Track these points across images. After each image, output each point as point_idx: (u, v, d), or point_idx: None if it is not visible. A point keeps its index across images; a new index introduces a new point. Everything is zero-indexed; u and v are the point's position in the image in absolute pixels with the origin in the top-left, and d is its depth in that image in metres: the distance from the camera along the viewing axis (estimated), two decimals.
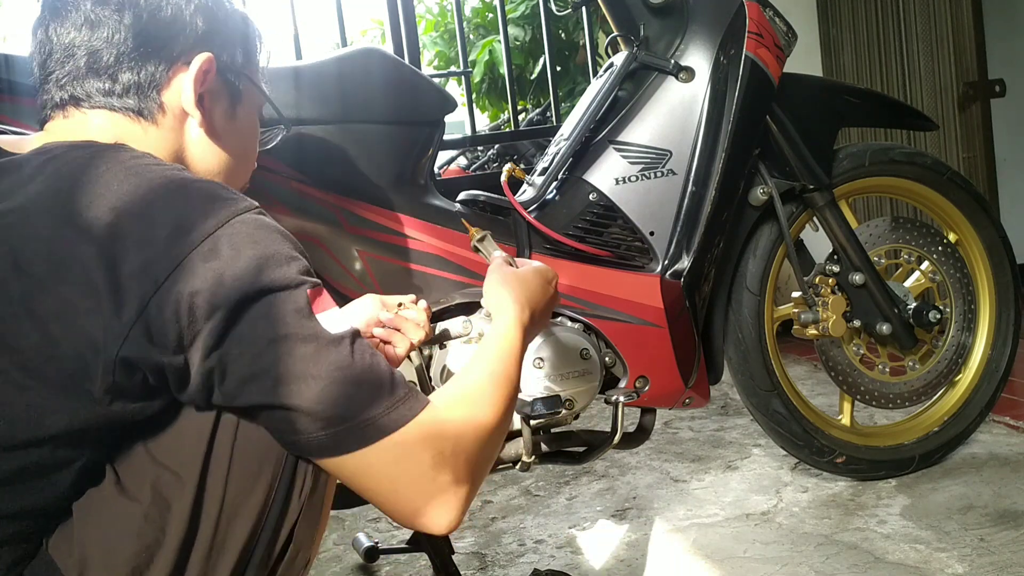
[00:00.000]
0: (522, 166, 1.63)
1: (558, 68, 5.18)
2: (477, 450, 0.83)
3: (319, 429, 0.77)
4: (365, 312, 1.14)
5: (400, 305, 1.15)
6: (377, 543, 1.66)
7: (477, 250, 1.27)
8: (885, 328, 1.77)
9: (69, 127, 0.88)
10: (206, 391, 0.77)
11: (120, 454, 0.80)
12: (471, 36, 5.79)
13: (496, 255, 1.20)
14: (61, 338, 0.74)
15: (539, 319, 1.09)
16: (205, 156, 0.94)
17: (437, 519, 0.81)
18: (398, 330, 1.11)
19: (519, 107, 5.18)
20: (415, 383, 1.34)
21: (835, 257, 1.78)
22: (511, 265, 1.17)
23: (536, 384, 1.37)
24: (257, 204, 0.82)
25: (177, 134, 0.91)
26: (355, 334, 0.80)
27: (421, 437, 0.79)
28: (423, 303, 1.15)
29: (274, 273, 0.77)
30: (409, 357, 1.33)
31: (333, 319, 0.79)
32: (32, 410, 0.75)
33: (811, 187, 1.72)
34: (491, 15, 5.87)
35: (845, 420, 1.85)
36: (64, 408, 0.75)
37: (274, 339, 0.75)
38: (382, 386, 0.78)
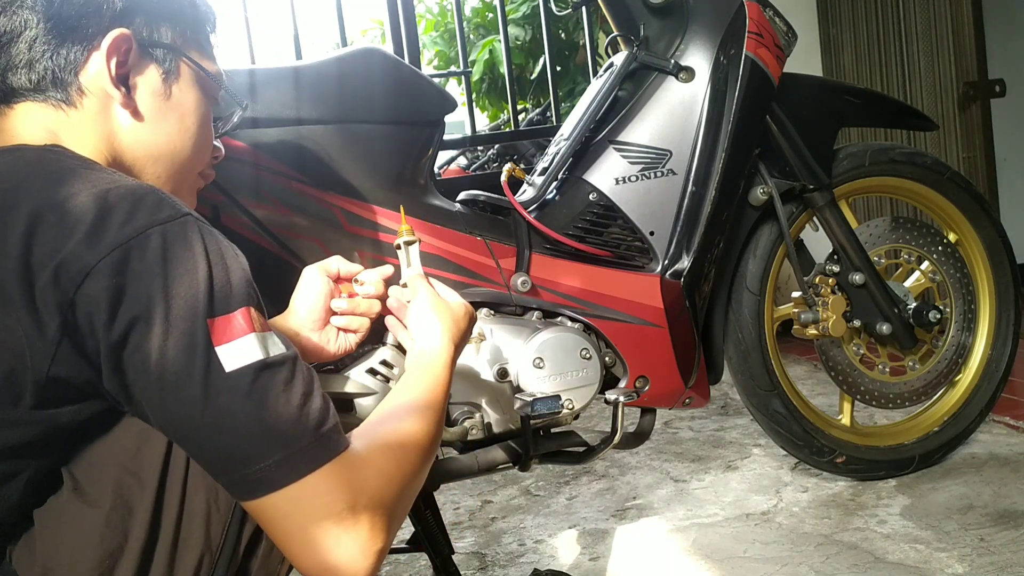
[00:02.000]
0: (522, 166, 1.63)
1: (558, 68, 5.18)
2: (397, 500, 0.78)
3: (218, 473, 0.74)
4: (314, 290, 1.10)
5: (355, 281, 1.12)
6: None
7: (399, 248, 1.20)
8: (885, 328, 1.77)
9: (2, 128, 0.85)
10: (138, 412, 0.75)
11: (78, 459, 0.79)
12: (471, 36, 5.79)
13: (415, 267, 1.14)
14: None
15: (457, 357, 1.03)
16: (140, 140, 0.89)
17: (356, 567, 0.74)
18: (355, 313, 1.09)
19: (519, 107, 5.18)
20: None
21: (835, 257, 1.78)
22: (432, 287, 1.09)
23: (536, 384, 1.37)
24: (188, 211, 0.76)
25: (104, 118, 0.87)
26: (261, 367, 0.74)
27: (336, 481, 0.74)
28: (381, 271, 1.11)
29: (176, 299, 0.72)
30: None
31: (242, 347, 0.73)
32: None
33: (811, 187, 1.72)
34: (491, 15, 5.87)
35: (845, 420, 1.85)
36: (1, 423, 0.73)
37: (164, 376, 0.71)
38: (281, 433, 0.73)
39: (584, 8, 2.73)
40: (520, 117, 4.14)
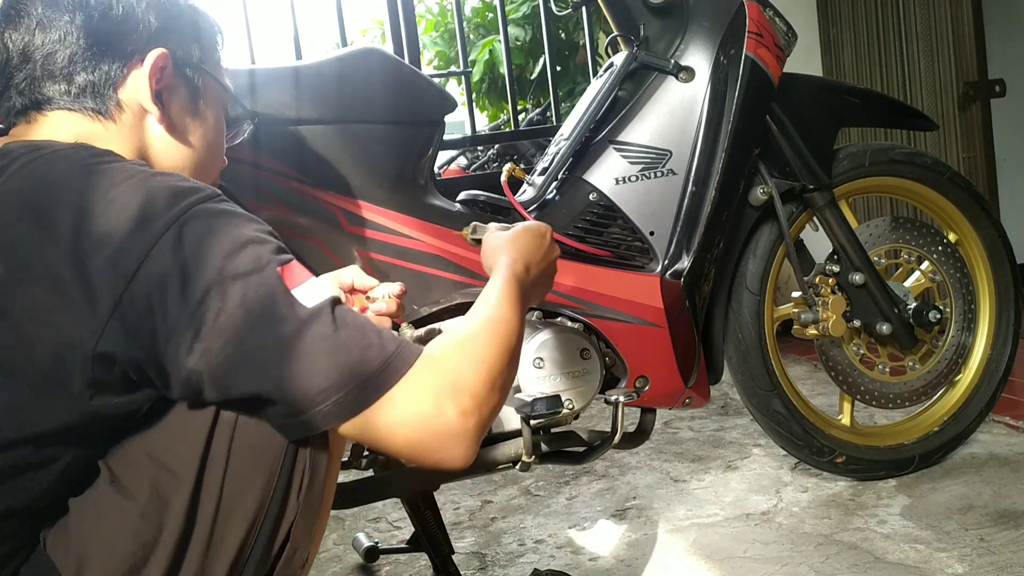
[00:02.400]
0: (522, 166, 1.63)
1: (558, 68, 5.18)
2: (478, 384, 0.83)
3: (321, 402, 0.77)
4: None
5: (368, 297, 1.14)
6: (377, 543, 1.66)
7: (476, 242, 1.24)
8: (885, 328, 1.77)
9: (32, 132, 0.89)
10: (193, 387, 0.77)
11: (116, 452, 0.81)
12: (471, 36, 5.79)
13: (491, 227, 1.18)
14: (35, 337, 0.75)
15: (537, 271, 1.08)
16: (169, 152, 0.94)
17: (451, 454, 0.81)
18: None
19: (519, 107, 5.18)
20: None
21: (835, 257, 1.78)
22: (503, 231, 1.16)
23: (536, 384, 1.37)
24: (217, 191, 0.82)
25: (138, 131, 0.91)
26: (334, 301, 0.80)
27: (421, 382, 0.80)
28: (394, 287, 1.13)
29: (241, 258, 0.77)
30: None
31: (311, 289, 0.80)
32: (12, 410, 0.76)
33: (811, 187, 1.72)
34: (491, 15, 5.87)
35: (845, 420, 1.85)
36: (44, 407, 0.76)
37: (254, 325, 0.75)
38: (370, 346, 0.79)
39: (584, 8, 2.73)
40: (520, 117, 4.13)
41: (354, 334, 0.79)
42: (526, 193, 1.57)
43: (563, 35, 5.42)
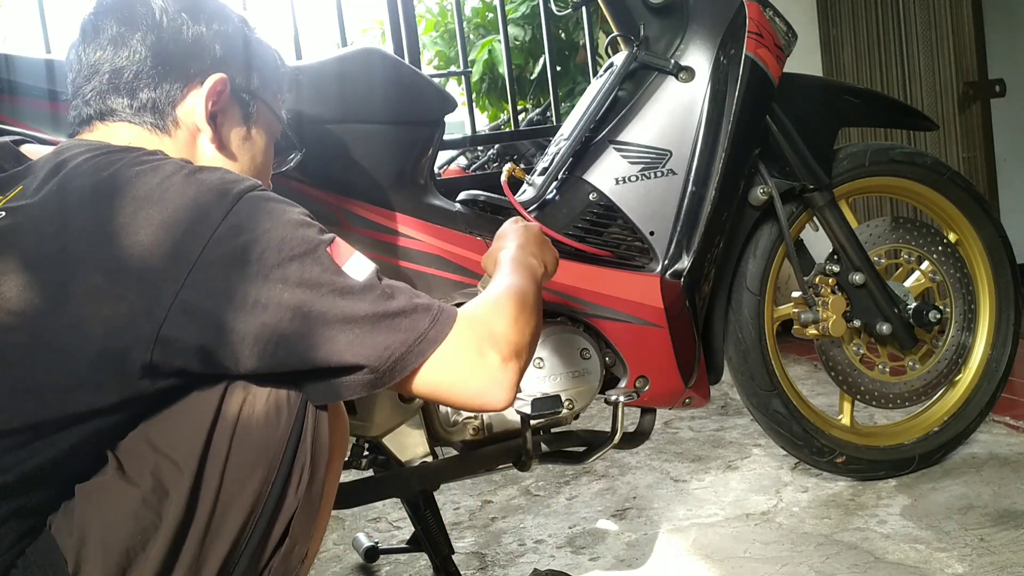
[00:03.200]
0: (522, 166, 1.63)
1: (558, 68, 5.18)
2: (513, 334, 0.92)
3: (382, 363, 0.85)
4: None
5: None
6: (377, 543, 1.66)
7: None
8: (885, 328, 1.77)
9: (91, 137, 0.94)
10: (257, 360, 0.82)
11: (123, 443, 0.84)
12: (471, 36, 5.79)
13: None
14: (92, 319, 0.79)
15: (535, 250, 1.15)
16: None
17: (496, 396, 0.91)
18: None
19: (519, 107, 5.18)
20: None
21: (835, 257, 1.78)
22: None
23: (536, 384, 1.37)
24: (259, 182, 0.89)
25: (190, 148, 0.97)
26: (378, 273, 0.89)
27: (463, 336, 0.89)
28: None
29: (295, 240, 0.84)
30: None
31: (357, 263, 0.87)
32: (62, 389, 0.80)
33: (811, 187, 1.72)
34: (491, 15, 5.86)
35: (845, 420, 1.85)
36: (95, 385, 0.80)
37: (314, 301, 0.83)
38: (417, 308, 0.88)
39: (584, 8, 2.73)
40: (520, 117, 4.13)
41: (403, 301, 0.87)
42: (526, 193, 1.57)
43: (563, 35, 5.42)
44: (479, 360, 0.90)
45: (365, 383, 0.86)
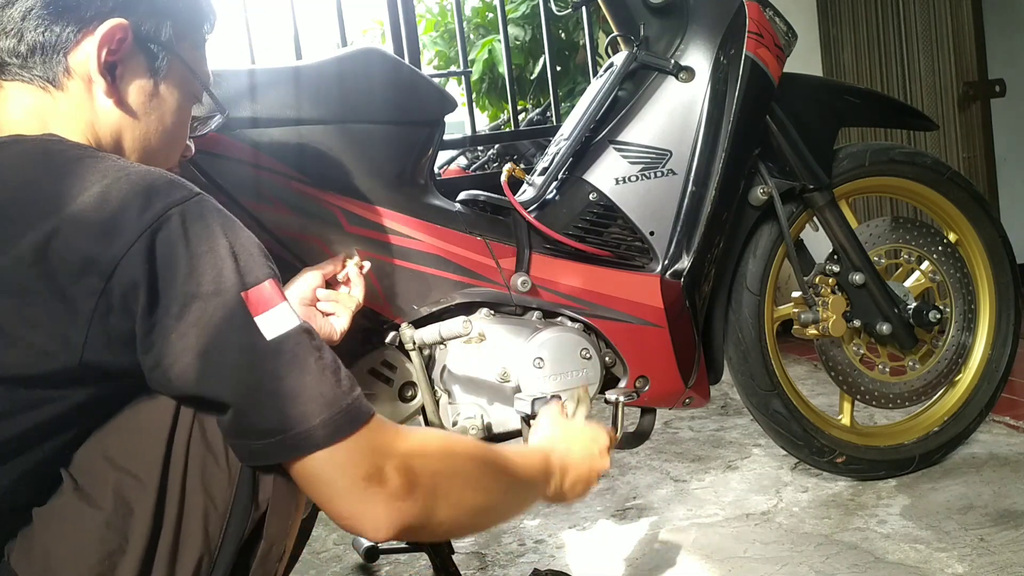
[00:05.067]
0: (522, 166, 1.63)
1: (558, 68, 5.18)
2: (431, 475, 0.82)
3: (250, 436, 0.76)
4: (307, 286, 1.22)
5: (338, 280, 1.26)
6: (377, 543, 1.66)
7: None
8: (885, 328, 1.77)
9: None
10: (165, 391, 0.78)
11: (77, 459, 0.79)
12: (471, 36, 5.79)
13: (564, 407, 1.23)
14: (15, 345, 0.74)
15: (571, 473, 1.06)
16: (119, 129, 0.89)
17: (367, 526, 0.79)
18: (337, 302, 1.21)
19: (519, 107, 5.18)
20: (415, 383, 1.34)
21: (835, 257, 1.78)
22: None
23: (536, 384, 1.37)
24: (196, 191, 0.79)
25: (88, 103, 0.87)
26: (298, 333, 0.77)
27: (365, 447, 0.77)
28: (355, 265, 1.24)
29: (205, 276, 0.75)
30: (409, 356, 1.33)
31: (276, 316, 0.77)
32: None
33: (811, 187, 1.72)
34: (491, 15, 5.86)
35: (845, 420, 1.85)
36: (31, 405, 0.75)
37: (208, 348, 0.74)
38: (320, 396, 0.76)
39: (584, 8, 2.73)
40: (520, 117, 4.13)
41: (307, 379, 0.76)
42: (526, 193, 1.57)
43: (563, 35, 5.42)
44: (376, 480, 0.77)
45: (240, 450, 0.78)
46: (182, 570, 0.79)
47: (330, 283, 1.27)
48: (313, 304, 1.22)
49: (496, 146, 4.34)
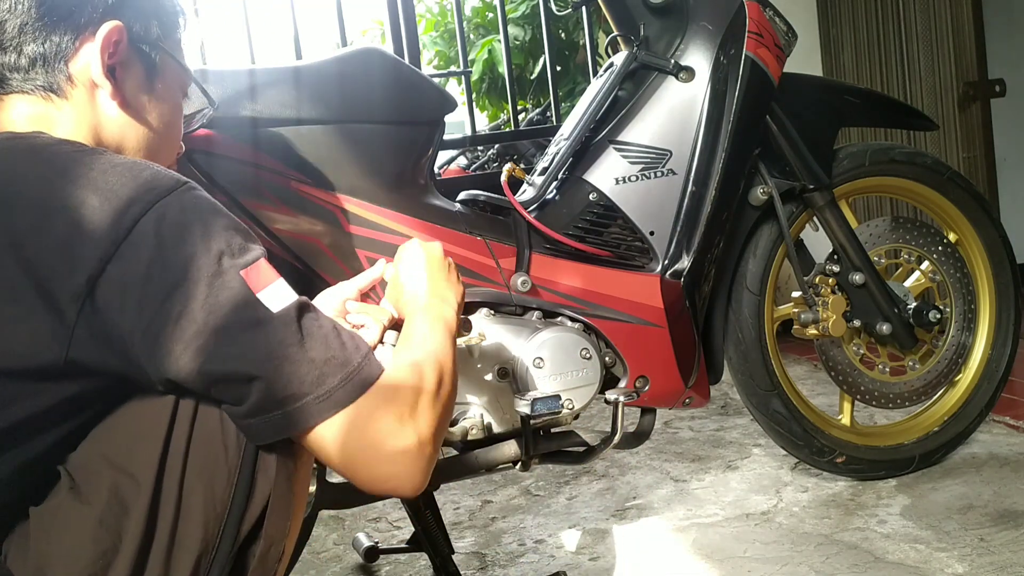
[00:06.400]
0: (522, 166, 1.63)
1: (558, 68, 5.18)
2: (432, 410, 0.85)
3: (273, 408, 0.77)
4: (338, 298, 1.20)
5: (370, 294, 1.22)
6: (377, 543, 1.66)
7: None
8: (885, 328, 1.77)
9: None
10: (163, 380, 0.77)
11: (75, 457, 0.79)
12: (471, 36, 5.79)
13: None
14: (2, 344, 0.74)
15: (444, 289, 1.11)
16: (123, 131, 0.91)
17: (406, 483, 0.82)
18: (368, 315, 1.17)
19: (519, 107, 5.18)
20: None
21: (835, 257, 1.78)
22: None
23: (536, 384, 1.37)
24: (183, 180, 0.80)
25: (91, 108, 0.88)
26: (300, 306, 0.80)
27: (379, 406, 0.80)
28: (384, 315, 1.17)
29: (204, 259, 0.76)
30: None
31: (276, 291, 0.79)
32: None
33: (811, 187, 1.72)
34: (491, 15, 5.87)
35: (845, 420, 1.85)
36: (16, 398, 0.75)
37: (216, 329, 0.75)
38: (330, 360, 0.78)
39: (584, 8, 2.73)
40: (520, 117, 4.13)
41: (317, 344, 0.78)
42: (526, 193, 1.57)
43: (563, 35, 5.42)
44: (392, 437, 0.80)
45: (251, 428, 0.79)
46: (179, 570, 0.79)
47: (364, 295, 1.26)
48: (343, 316, 1.19)
49: (496, 146, 4.34)
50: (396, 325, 1.38)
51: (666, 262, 1.53)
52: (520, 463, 1.40)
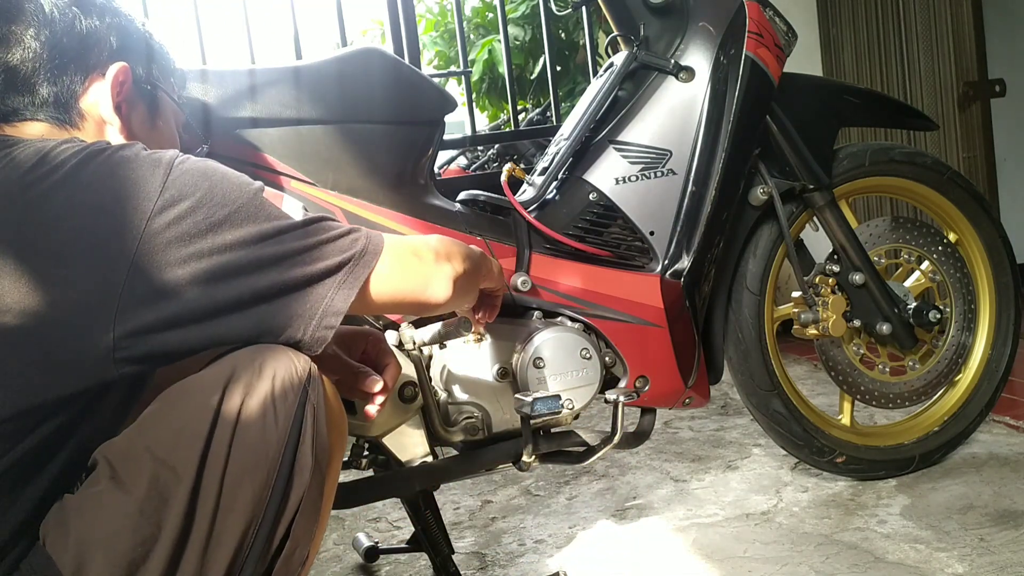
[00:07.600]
0: (522, 166, 1.63)
1: (558, 68, 5.18)
2: (442, 246, 1.04)
3: (328, 275, 0.91)
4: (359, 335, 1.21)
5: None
6: (377, 543, 1.66)
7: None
8: (885, 328, 1.77)
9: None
10: (208, 317, 0.84)
11: (115, 446, 0.83)
12: (471, 36, 5.79)
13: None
14: (49, 313, 0.78)
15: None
16: None
17: (437, 289, 1.01)
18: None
19: (519, 107, 5.18)
20: (415, 383, 1.34)
21: (835, 257, 1.78)
22: None
23: (536, 384, 1.37)
24: (178, 151, 0.90)
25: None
26: (306, 213, 0.96)
27: (394, 246, 0.98)
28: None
29: (231, 193, 0.87)
30: (409, 356, 1.33)
31: (289, 207, 0.94)
32: (22, 377, 0.79)
33: (811, 187, 1.72)
34: (491, 15, 5.87)
35: (845, 420, 1.85)
36: (60, 374, 0.79)
37: (263, 247, 0.86)
38: (350, 231, 0.95)
39: (584, 8, 2.73)
40: (520, 117, 4.13)
41: (338, 228, 0.94)
42: (526, 193, 1.57)
43: (563, 35, 5.42)
44: (415, 261, 1.00)
45: (330, 306, 0.90)
46: (215, 564, 0.82)
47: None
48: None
49: (496, 146, 4.34)
50: (396, 325, 1.38)
51: (666, 262, 1.53)
52: (520, 463, 1.40)
